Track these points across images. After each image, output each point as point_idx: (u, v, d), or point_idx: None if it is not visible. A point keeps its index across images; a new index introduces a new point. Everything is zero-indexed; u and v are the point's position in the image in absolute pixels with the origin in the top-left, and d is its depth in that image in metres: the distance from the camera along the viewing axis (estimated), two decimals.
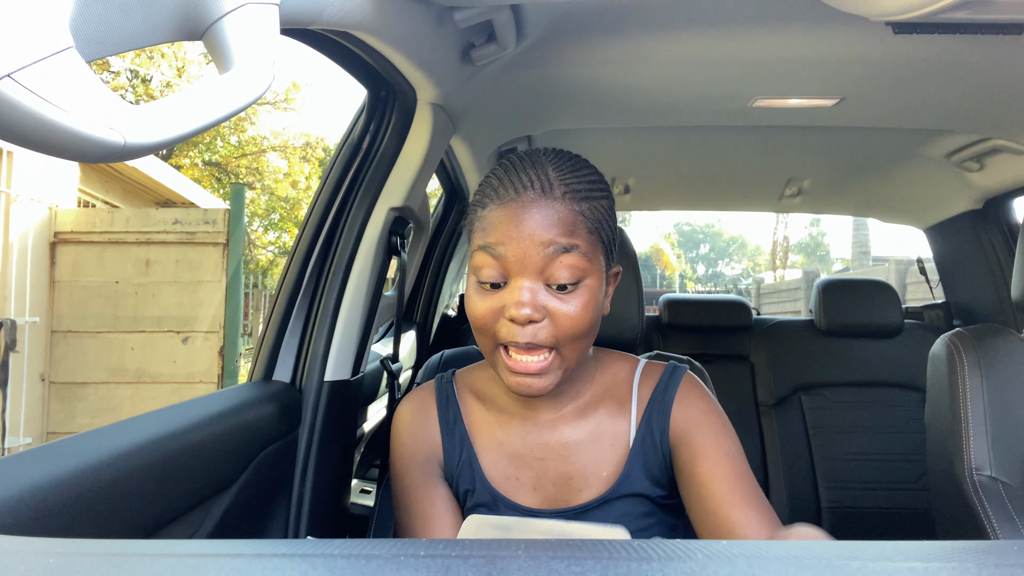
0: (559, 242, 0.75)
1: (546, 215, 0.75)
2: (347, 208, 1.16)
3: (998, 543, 0.35)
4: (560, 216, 0.76)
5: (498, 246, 0.75)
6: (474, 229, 0.80)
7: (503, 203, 0.77)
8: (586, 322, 0.76)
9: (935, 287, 2.62)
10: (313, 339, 1.11)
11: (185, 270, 4.08)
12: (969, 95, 1.44)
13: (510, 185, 0.78)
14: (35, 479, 0.57)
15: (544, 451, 0.87)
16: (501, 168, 0.81)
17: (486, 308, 0.77)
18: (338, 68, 1.05)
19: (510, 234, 0.75)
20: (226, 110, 0.45)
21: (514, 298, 0.75)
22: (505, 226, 0.75)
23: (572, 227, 0.76)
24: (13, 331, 3.54)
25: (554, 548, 0.32)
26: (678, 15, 1.14)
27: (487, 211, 0.78)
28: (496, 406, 0.91)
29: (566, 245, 0.75)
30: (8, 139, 0.37)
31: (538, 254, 0.74)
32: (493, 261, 0.76)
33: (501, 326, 0.76)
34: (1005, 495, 1.13)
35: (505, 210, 0.76)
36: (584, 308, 0.76)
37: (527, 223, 0.75)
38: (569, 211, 0.76)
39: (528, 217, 0.75)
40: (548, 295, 0.75)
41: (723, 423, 0.85)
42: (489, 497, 0.87)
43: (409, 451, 0.91)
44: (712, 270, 49.21)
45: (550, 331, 0.75)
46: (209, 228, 4.08)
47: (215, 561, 0.30)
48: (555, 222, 0.75)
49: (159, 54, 11.11)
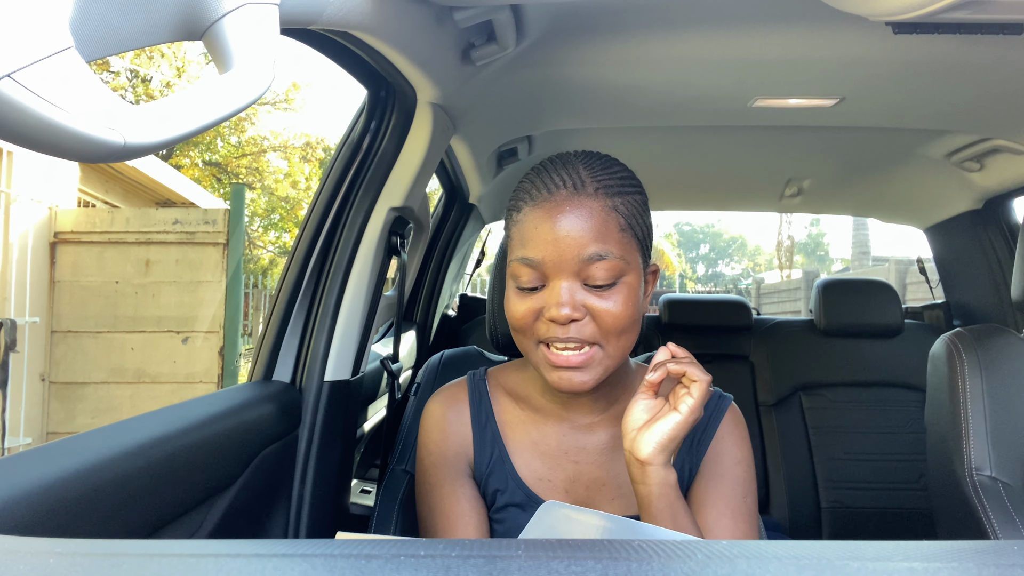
0: (593, 248, 0.75)
1: (580, 213, 0.75)
2: (347, 208, 1.16)
3: (998, 543, 0.35)
4: (593, 213, 0.76)
5: (534, 255, 0.76)
6: (511, 236, 0.81)
7: (536, 204, 0.77)
8: (627, 317, 0.76)
9: (935, 287, 2.62)
10: (313, 339, 1.11)
11: (185, 270, 4.08)
12: (969, 95, 1.44)
13: (542, 186, 0.78)
14: (35, 479, 0.57)
15: (579, 454, 0.87)
16: (533, 172, 0.82)
17: (526, 309, 0.77)
18: (338, 68, 1.05)
19: (545, 239, 0.75)
20: (226, 110, 0.45)
21: (554, 299, 0.75)
22: (540, 231, 0.76)
23: (605, 226, 0.76)
24: (13, 331, 3.54)
25: (554, 548, 0.32)
26: (678, 15, 1.14)
27: (521, 215, 0.79)
28: (531, 406, 0.90)
29: (601, 252, 0.75)
30: (8, 139, 0.37)
31: (574, 258, 0.75)
32: (530, 270, 0.77)
33: (541, 324, 0.77)
34: (1005, 495, 1.13)
35: (539, 211, 0.77)
36: (624, 304, 0.76)
37: (562, 224, 0.75)
38: (602, 207, 0.76)
39: (563, 217, 0.75)
40: (587, 293, 0.76)
41: (748, 470, 0.86)
42: (523, 496, 0.86)
43: (439, 448, 0.90)
44: (712, 270, 49.21)
45: (592, 328, 0.76)
46: (209, 228, 4.08)
47: (215, 561, 0.30)
48: (589, 222, 0.75)
49: (159, 54, 11.10)
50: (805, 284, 13.38)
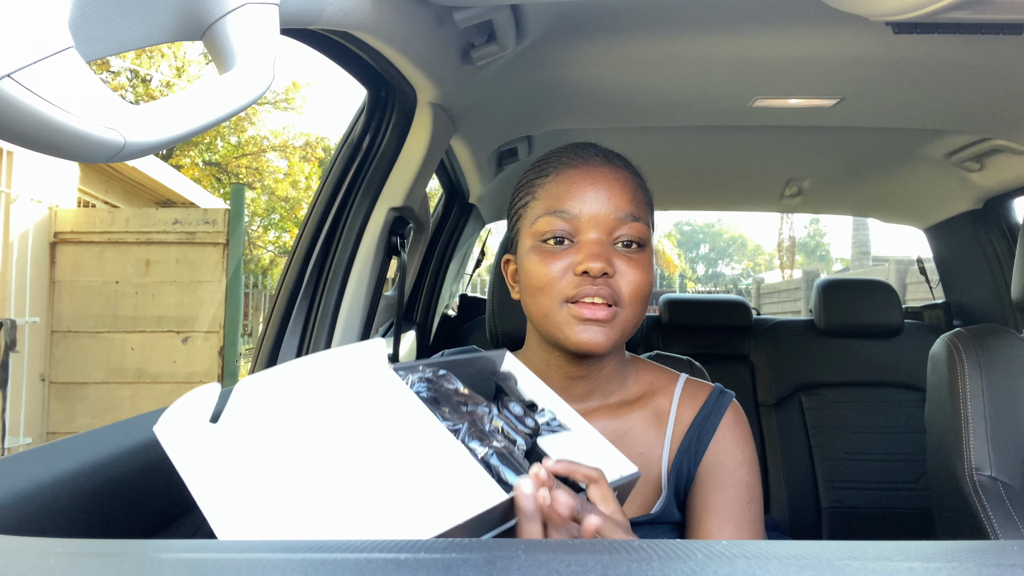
0: (630, 208, 0.77)
1: (617, 176, 0.79)
2: (347, 208, 1.16)
3: (998, 543, 0.35)
4: (628, 180, 0.79)
5: (571, 207, 0.77)
6: (535, 197, 0.81)
7: (571, 166, 0.80)
8: (647, 285, 0.78)
9: (935, 287, 2.62)
10: (313, 339, 1.11)
11: (185, 270, 4.08)
12: (969, 95, 1.44)
13: (573, 155, 0.81)
14: (35, 479, 0.57)
15: None
16: (552, 152, 0.84)
17: (554, 266, 0.76)
18: (338, 68, 1.05)
19: (584, 193, 0.77)
20: (226, 110, 0.45)
21: (589, 251, 0.75)
22: (578, 186, 0.78)
23: (636, 195, 0.79)
24: (13, 331, 3.54)
25: (554, 548, 0.32)
26: (678, 15, 1.14)
27: (551, 177, 0.80)
28: None
29: (635, 214, 0.77)
30: (8, 139, 0.37)
31: (611, 214, 0.76)
32: (563, 223, 0.77)
33: (568, 283, 0.76)
34: (1005, 495, 1.13)
35: (575, 171, 0.79)
36: (647, 272, 0.78)
37: (600, 182, 0.78)
38: (633, 178, 0.80)
39: (601, 177, 0.78)
40: (617, 254, 0.77)
41: (751, 472, 0.81)
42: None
43: None
44: (712, 270, 49.21)
45: (617, 288, 0.76)
46: (209, 228, 4.08)
47: (215, 561, 0.30)
48: (626, 186, 0.78)
49: (159, 54, 11.11)
50: (805, 284, 13.38)
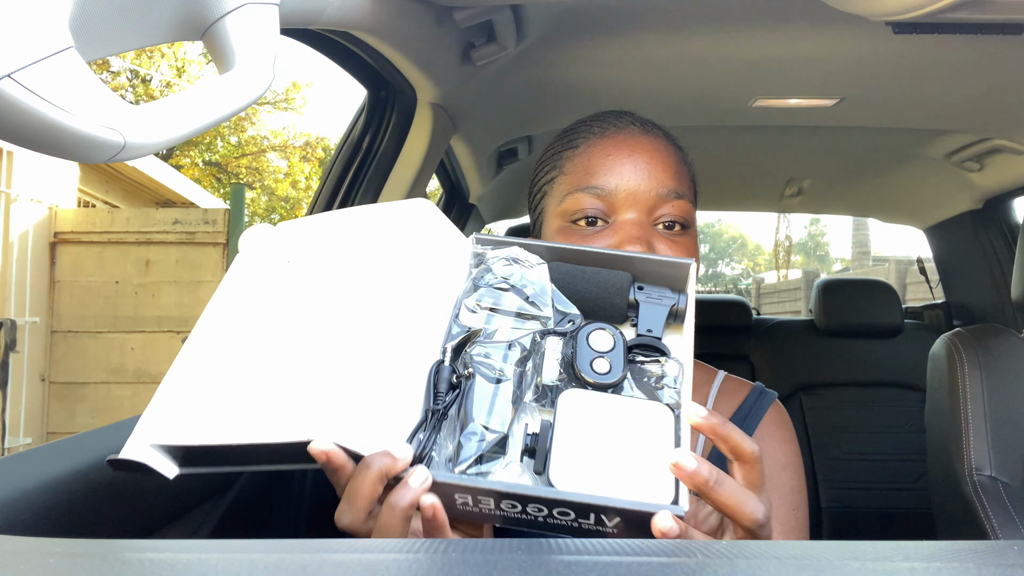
0: (672, 184, 0.66)
1: (657, 147, 0.68)
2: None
3: (998, 543, 0.35)
4: (670, 152, 0.69)
5: (606, 183, 0.66)
6: (563, 172, 0.70)
7: (605, 136, 0.69)
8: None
9: (935, 287, 2.62)
10: None
11: (185, 270, 4.08)
12: (969, 95, 1.43)
13: (606, 123, 0.70)
14: (35, 479, 0.57)
15: None
16: (584, 119, 0.74)
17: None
18: (338, 68, 1.05)
19: (622, 167, 0.66)
20: (226, 110, 0.45)
21: (627, 233, 0.64)
22: (615, 158, 0.67)
23: (679, 169, 0.68)
24: (13, 331, 3.54)
25: (554, 548, 0.32)
26: (678, 15, 1.14)
27: (579, 150, 0.70)
28: None
29: (678, 191, 0.66)
30: (8, 139, 0.37)
31: (651, 190, 0.66)
32: (596, 200, 0.66)
33: None
34: (1005, 495, 1.13)
35: (610, 141, 0.68)
36: (693, 255, 0.66)
37: (639, 153, 0.67)
38: (674, 151, 0.70)
39: (638, 146, 0.67)
40: (658, 236, 0.66)
41: (796, 476, 0.73)
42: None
43: None
44: (712, 270, 49.20)
45: None
46: (209, 228, 4.08)
47: (215, 561, 0.30)
48: (668, 159, 0.68)
49: (159, 54, 11.11)
50: (805, 284, 13.38)
